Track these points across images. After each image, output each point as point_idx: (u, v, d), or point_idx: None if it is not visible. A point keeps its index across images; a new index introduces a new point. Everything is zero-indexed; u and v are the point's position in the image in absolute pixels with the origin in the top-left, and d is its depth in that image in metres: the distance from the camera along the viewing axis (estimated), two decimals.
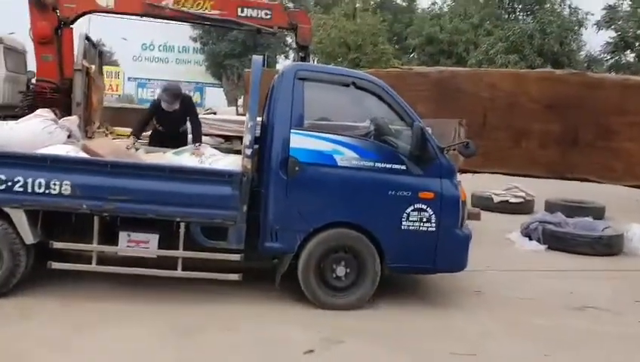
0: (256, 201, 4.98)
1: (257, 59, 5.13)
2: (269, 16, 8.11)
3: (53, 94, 7.55)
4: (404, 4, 33.50)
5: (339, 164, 4.94)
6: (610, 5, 22.77)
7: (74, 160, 4.80)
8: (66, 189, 4.64)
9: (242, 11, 8.04)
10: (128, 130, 7.88)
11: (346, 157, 4.95)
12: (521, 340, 4.67)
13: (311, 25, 8.45)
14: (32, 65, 8.09)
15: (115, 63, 45.26)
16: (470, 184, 11.92)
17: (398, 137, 5.23)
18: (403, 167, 5.03)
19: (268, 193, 4.94)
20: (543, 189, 12.10)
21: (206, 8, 7.99)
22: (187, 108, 6.17)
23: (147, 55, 40.22)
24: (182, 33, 35.09)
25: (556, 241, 8.11)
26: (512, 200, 11.02)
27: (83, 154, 5.06)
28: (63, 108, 7.41)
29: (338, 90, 5.15)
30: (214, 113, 8.89)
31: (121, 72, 39.96)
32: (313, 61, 26.83)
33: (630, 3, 24.08)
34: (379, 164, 5.00)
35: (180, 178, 4.83)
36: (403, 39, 30.57)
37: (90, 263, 4.85)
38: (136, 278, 5.01)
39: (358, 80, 5.15)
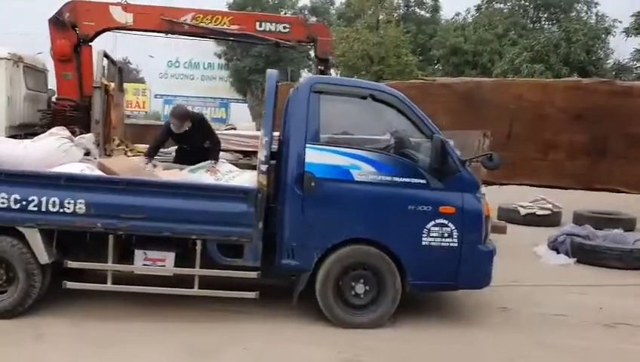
0: (273, 218, 4.89)
1: (271, 73, 5.06)
2: (287, 30, 8.07)
3: (72, 112, 7.59)
4: (427, 15, 33.24)
5: (356, 178, 4.82)
6: (639, 11, 22.21)
7: (88, 178, 4.77)
8: (81, 208, 4.61)
9: (260, 25, 8.01)
10: (146, 147, 7.91)
11: (364, 172, 4.83)
12: (550, 361, 4.45)
13: (330, 38, 8.38)
14: (53, 83, 8.16)
15: (141, 81, 46.02)
16: (496, 196, 11.70)
17: (419, 150, 5.08)
18: (423, 181, 4.88)
19: (284, 209, 4.84)
20: (571, 201, 11.78)
21: (224, 24, 7.99)
22: (201, 127, 6.06)
23: (173, 72, 40.66)
24: (206, 50, 35.44)
25: (585, 254, 7.84)
26: (539, 212, 10.73)
27: (98, 172, 5.03)
28: (82, 126, 7.45)
29: (355, 102, 5.03)
30: (234, 128, 8.87)
31: (148, 89, 40.48)
32: (337, 74, 26.88)
33: None
34: (397, 179, 4.86)
35: (195, 195, 4.77)
36: (427, 50, 30.37)
37: (106, 282, 4.80)
38: (152, 297, 4.96)
39: (375, 92, 5.03)
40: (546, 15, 30.07)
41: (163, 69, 40.37)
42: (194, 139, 6.06)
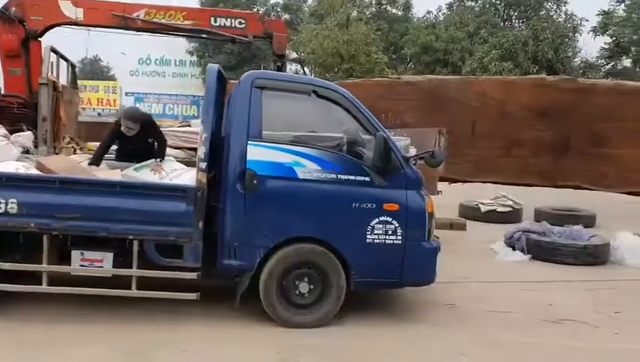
0: (214, 217, 4.79)
1: (212, 67, 4.94)
2: (243, 25, 7.98)
3: (20, 109, 7.38)
4: (399, 13, 33.38)
5: (300, 176, 4.74)
6: (604, 10, 22.60)
7: (19, 177, 4.61)
8: (13, 208, 4.45)
9: (215, 21, 7.93)
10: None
11: (307, 170, 4.75)
12: (490, 358, 4.43)
13: (286, 34, 8.30)
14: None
15: (112, 78, 45.37)
16: (459, 193, 11.79)
17: (365, 147, 5.03)
18: (367, 179, 4.83)
19: (225, 208, 4.74)
20: (535, 198, 11.90)
21: (178, 19, 7.87)
22: (150, 128, 5.89)
23: (144, 69, 40.18)
24: (178, 47, 35.15)
25: (540, 251, 7.88)
26: (500, 209, 10.80)
27: (35, 171, 4.87)
28: (30, 123, 7.24)
29: (299, 98, 4.95)
30: (188, 125, 8.73)
31: (118, 86, 39.91)
32: (310, 72, 26.78)
33: (625, 8, 23.92)
34: (342, 176, 4.80)
35: (131, 194, 4.64)
36: (399, 49, 30.46)
37: (41, 284, 4.65)
38: (90, 298, 4.82)
39: (319, 88, 4.96)
40: (516, 13, 30.43)
41: (134, 66, 39.92)
42: (142, 140, 5.90)
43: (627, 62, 25.44)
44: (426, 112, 11.43)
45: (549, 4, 28.79)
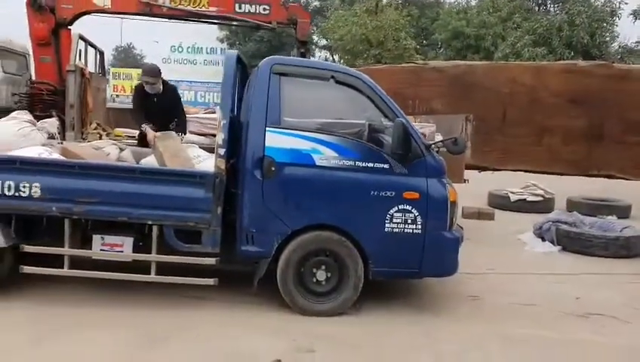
0: (233, 203, 4.78)
1: (231, 54, 4.93)
2: (267, 12, 7.91)
3: (50, 96, 7.51)
4: None
5: (317, 163, 4.69)
6: None
7: (42, 161, 4.69)
8: (36, 192, 4.53)
9: (240, 7, 7.87)
10: (127, 131, 7.84)
11: (325, 157, 4.70)
12: (508, 353, 4.31)
13: (309, 19, 8.21)
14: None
15: None
16: (489, 182, 11.56)
17: (390, 135, 4.93)
18: (386, 166, 4.74)
19: (243, 194, 4.72)
20: (568, 187, 11.58)
21: (203, 5, 7.85)
22: (172, 95, 6.19)
23: (176, 57, 40.31)
24: (210, 35, 35.31)
25: (570, 242, 7.67)
26: (530, 198, 10.56)
27: (57, 156, 4.94)
28: (60, 110, 7.38)
29: (318, 84, 4.88)
30: (213, 112, 8.74)
31: None
32: (340, 59, 26.58)
33: None
34: (360, 163, 4.73)
35: (151, 180, 4.67)
36: (430, 34, 29.97)
37: (63, 267, 4.73)
38: (110, 283, 4.89)
39: (337, 74, 4.88)
40: None
41: (166, 53, 40.22)
42: (165, 111, 6.06)
43: None
44: (454, 99, 11.21)
45: None
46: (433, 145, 4.92)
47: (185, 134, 5.87)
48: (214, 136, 7.34)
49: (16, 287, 4.85)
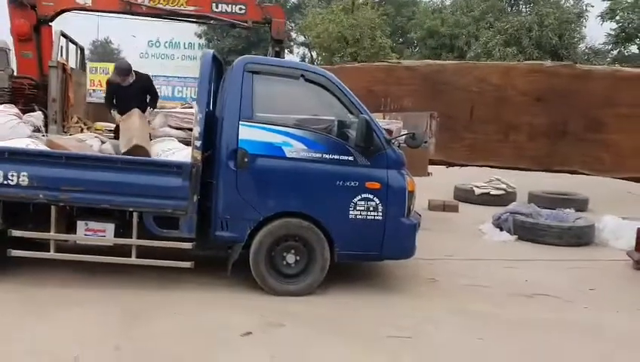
0: (208, 192, 5.16)
1: (207, 52, 5.30)
2: (243, 11, 8.28)
3: (31, 90, 7.77)
4: None
5: (287, 155, 5.10)
6: None
7: (30, 152, 5.01)
8: (24, 180, 4.86)
9: (217, 7, 8.23)
10: (106, 125, 8.13)
11: (295, 149, 5.11)
12: (459, 325, 4.78)
13: (284, 19, 8.59)
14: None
15: None
16: (456, 177, 12.08)
17: (354, 129, 5.35)
18: (351, 158, 5.17)
19: (218, 184, 5.11)
20: (531, 182, 12.15)
21: (181, 5, 8.18)
22: (145, 82, 6.60)
23: (153, 52, 40.29)
24: (187, 30, 35.26)
25: (526, 232, 8.21)
26: (493, 192, 11.11)
27: (43, 148, 5.26)
28: (41, 104, 7.64)
29: (288, 82, 5.29)
30: (190, 107, 9.04)
31: None
32: (315, 56, 26.92)
33: None
34: (327, 155, 5.15)
35: (132, 169, 5.02)
36: (406, 33, 30.51)
37: (49, 251, 5.06)
38: (95, 265, 5.26)
39: (306, 73, 5.30)
40: None
41: (144, 48, 40.15)
42: (136, 92, 6.54)
43: (633, 48, 25.41)
44: (425, 97, 11.63)
45: None
46: (393, 140, 5.36)
47: (154, 108, 6.36)
48: (191, 130, 7.72)
49: (5, 270, 5.16)
